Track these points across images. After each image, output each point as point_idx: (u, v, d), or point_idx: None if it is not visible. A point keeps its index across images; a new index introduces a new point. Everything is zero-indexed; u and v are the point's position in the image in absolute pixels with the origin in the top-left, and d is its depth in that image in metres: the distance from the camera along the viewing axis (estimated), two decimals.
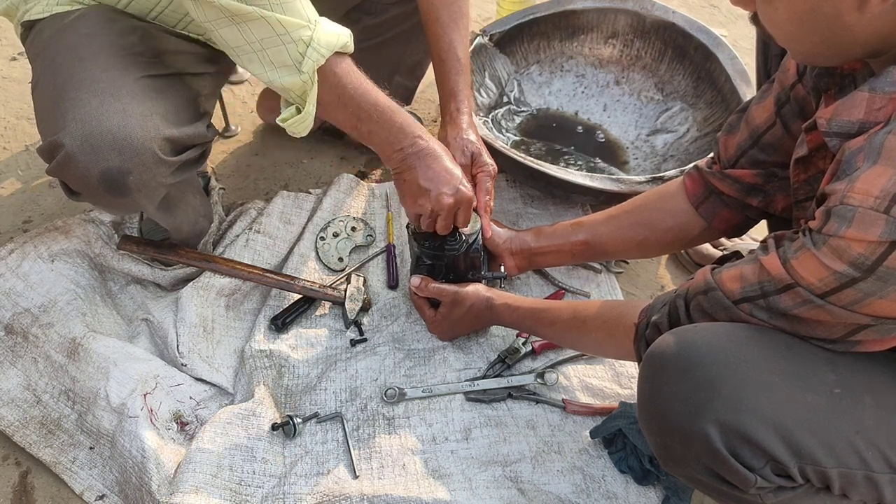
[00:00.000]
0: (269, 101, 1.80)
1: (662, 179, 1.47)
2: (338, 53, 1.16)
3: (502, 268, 1.42)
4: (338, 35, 1.15)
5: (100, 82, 1.13)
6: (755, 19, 0.88)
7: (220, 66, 1.40)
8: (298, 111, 1.20)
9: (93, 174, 1.11)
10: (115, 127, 1.10)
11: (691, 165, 1.29)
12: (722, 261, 0.99)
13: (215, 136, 1.31)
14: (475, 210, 1.36)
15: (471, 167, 1.38)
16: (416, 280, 1.38)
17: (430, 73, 1.90)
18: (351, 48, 1.18)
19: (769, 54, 1.22)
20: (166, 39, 1.27)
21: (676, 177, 1.46)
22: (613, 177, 1.53)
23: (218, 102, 1.81)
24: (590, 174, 1.53)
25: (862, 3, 0.74)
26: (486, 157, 1.39)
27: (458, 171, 1.27)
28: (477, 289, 1.33)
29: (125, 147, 1.11)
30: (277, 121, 1.24)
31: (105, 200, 1.18)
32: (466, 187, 1.27)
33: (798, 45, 0.86)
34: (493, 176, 1.39)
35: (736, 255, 1.00)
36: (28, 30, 1.26)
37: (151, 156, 1.14)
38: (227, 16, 1.07)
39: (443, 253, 1.35)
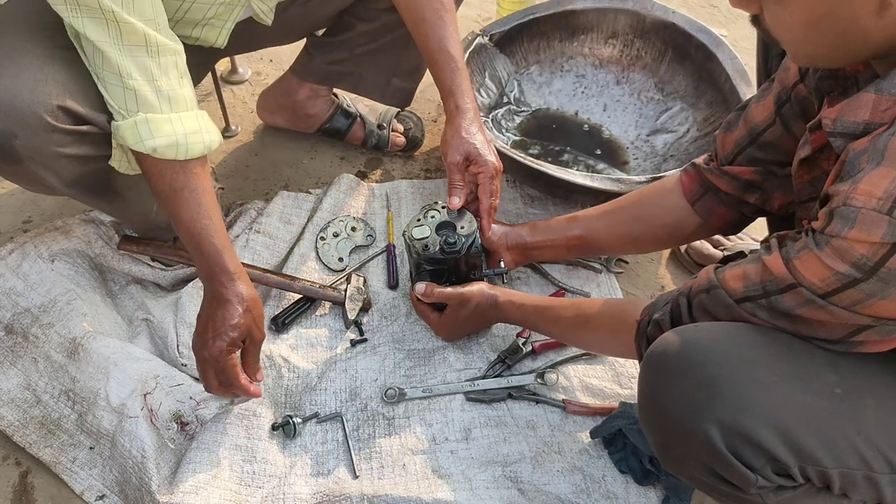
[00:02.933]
0: (269, 101, 1.80)
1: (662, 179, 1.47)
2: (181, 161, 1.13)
3: (502, 263, 1.41)
4: (191, 135, 1.12)
5: (3, 51, 1.10)
6: (756, 21, 0.88)
7: (194, 56, 1.33)
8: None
9: None
10: (3, 89, 1.07)
11: (688, 163, 1.29)
12: (725, 260, 0.99)
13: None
14: (470, 211, 1.36)
15: (469, 167, 1.33)
16: (420, 287, 1.37)
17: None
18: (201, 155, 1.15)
19: (769, 54, 1.22)
20: None
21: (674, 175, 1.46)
22: (613, 177, 1.53)
23: (218, 102, 1.82)
24: (590, 174, 1.53)
25: (883, 7, 0.73)
26: (487, 155, 1.32)
27: (216, 342, 1.16)
28: (481, 288, 1.33)
29: (10, 109, 1.07)
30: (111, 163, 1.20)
31: (1, 168, 1.14)
32: (219, 356, 1.16)
33: (806, 48, 0.85)
34: (496, 174, 1.33)
35: (740, 254, 1.00)
36: None
37: (38, 121, 1.09)
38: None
39: (443, 257, 1.35)
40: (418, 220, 1.38)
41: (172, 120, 1.12)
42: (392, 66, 1.66)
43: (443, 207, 1.39)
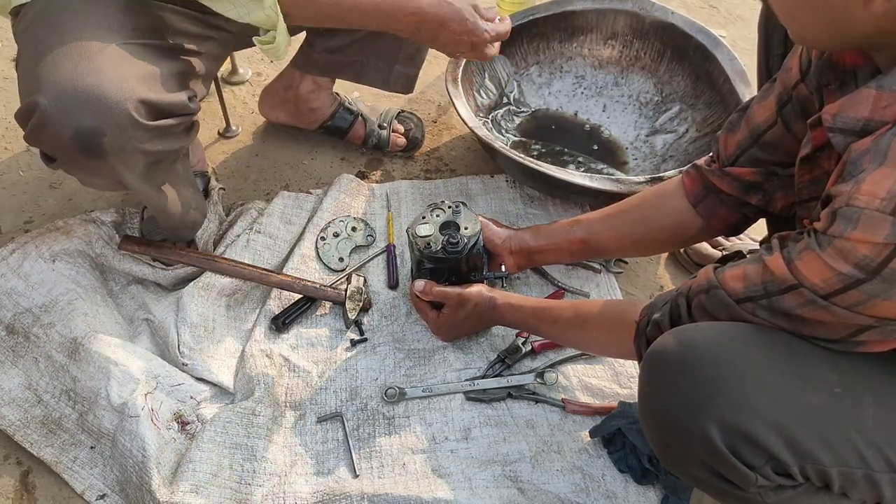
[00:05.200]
0: (271, 96, 1.80)
1: (662, 180, 1.48)
2: None
3: (503, 267, 1.42)
4: None
5: (79, 47, 1.11)
6: None
7: (215, 47, 1.38)
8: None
9: (66, 134, 1.09)
10: (89, 86, 1.08)
11: (690, 164, 1.29)
12: (724, 260, 0.99)
13: (198, 110, 1.26)
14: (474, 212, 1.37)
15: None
16: (419, 284, 1.38)
17: (428, 68, 1.91)
18: None
19: (771, 53, 1.23)
20: (150, 14, 1.25)
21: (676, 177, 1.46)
22: (613, 177, 1.54)
23: (219, 103, 1.82)
24: (589, 174, 1.53)
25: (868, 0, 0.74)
26: None
27: (468, 21, 1.30)
28: (480, 289, 1.33)
29: (99, 106, 1.09)
30: (255, 41, 1.26)
31: (81, 164, 1.15)
32: (478, 34, 1.31)
33: (801, 30, 0.86)
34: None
35: (738, 254, 1.00)
36: (16, 16, 1.25)
37: (126, 117, 1.11)
38: None
39: (445, 256, 1.35)
40: (423, 217, 1.39)
41: None
42: (393, 52, 1.65)
43: (448, 207, 1.40)
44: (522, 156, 1.54)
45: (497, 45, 1.40)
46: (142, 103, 1.12)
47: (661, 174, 1.52)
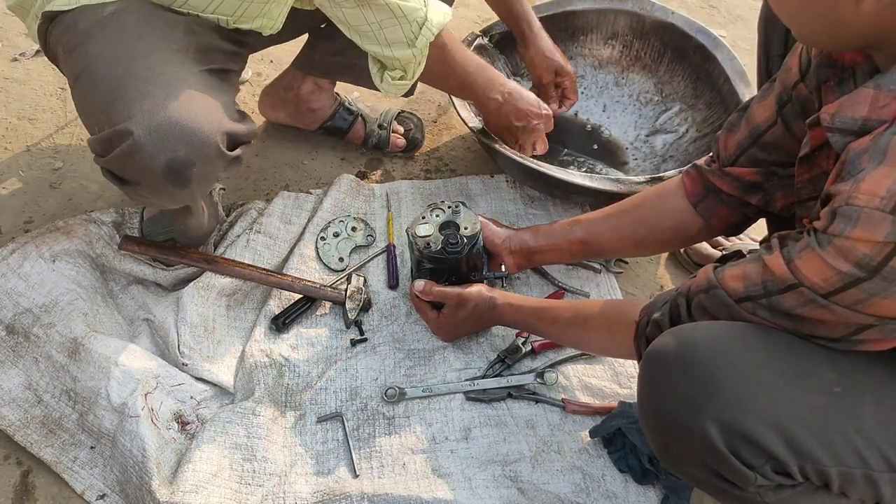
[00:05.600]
0: (272, 96, 1.80)
1: (662, 180, 1.48)
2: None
3: (503, 267, 1.42)
4: (445, 13, 1.33)
5: (163, 75, 1.15)
6: None
7: (242, 63, 1.43)
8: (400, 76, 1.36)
9: (158, 164, 1.12)
10: (183, 118, 1.12)
11: (690, 164, 1.29)
12: (724, 260, 0.99)
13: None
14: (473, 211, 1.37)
15: (555, 78, 1.66)
16: (419, 284, 1.38)
17: None
18: (450, 17, 1.36)
19: (770, 54, 1.23)
20: (202, 34, 1.28)
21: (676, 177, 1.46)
22: (613, 177, 1.54)
23: None
24: (589, 174, 1.53)
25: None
26: (566, 64, 1.68)
27: (533, 105, 1.52)
28: (480, 289, 1.33)
29: (193, 139, 1.13)
30: (380, 85, 1.41)
31: (164, 191, 1.18)
32: (547, 112, 1.54)
33: (799, 28, 0.87)
34: (574, 78, 1.71)
35: (737, 254, 1.00)
36: (49, 21, 1.25)
37: (215, 149, 1.16)
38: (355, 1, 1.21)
39: (445, 256, 1.35)
40: (423, 217, 1.39)
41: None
42: None
43: (448, 207, 1.40)
44: (522, 156, 1.55)
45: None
46: (226, 135, 1.17)
47: (661, 174, 1.52)
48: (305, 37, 1.67)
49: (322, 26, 1.64)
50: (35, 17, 1.28)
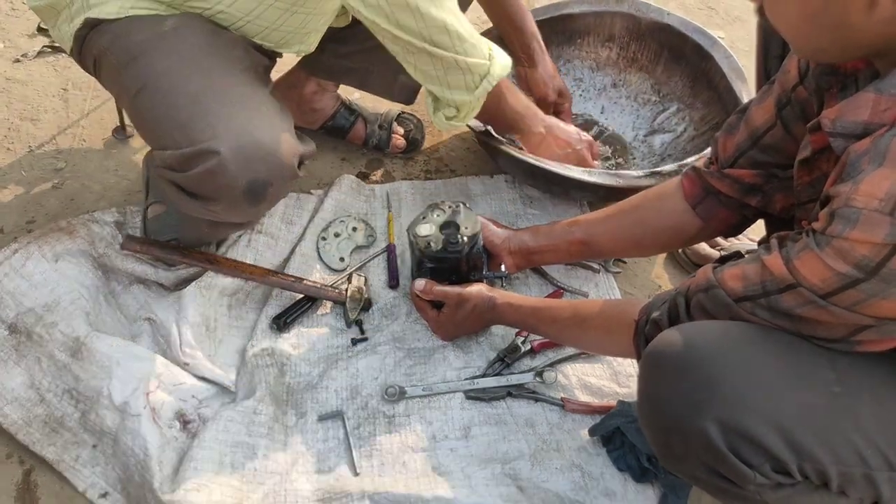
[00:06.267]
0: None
1: (660, 174, 1.48)
2: None
3: (503, 267, 1.42)
4: (505, 66, 1.36)
5: (239, 95, 1.20)
6: (761, 11, 0.89)
7: (270, 74, 1.47)
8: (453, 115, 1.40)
9: (241, 183, 1.16)
10: (267, 141, 1.17)
11: (689, 166, 1.30)
12: (723, 260, 0.99)
13: None
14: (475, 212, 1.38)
15: (557, 99, 1.71)
16: (419, 283, 1.39)
17: None
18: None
19: (769, 56, 1.23)
20: (253, 53, 1.33)
21: (674, 172, 1.47)
22: (611, 172, 1.54)
23: None
24: (587, 170, 1.53)
25: (872, 5, 0.75)
26: (564, 87, 1.75)
27: (573, 133, 1.59)
28: (480, 289, 1.34)
29: (274, 160, 1.18)
30: (432, 116, 1.42)
31: (238, 208, 1.23)
32: (587, 138, 1.60)
33: (803, 42, 0.87)
34: (570, 100, 1.77)
35: (736, 254, 1.00)
36: (89, 28, 1.26)
37: (291, 170, 1.22)
38: (427, 53, 1.24)
39: (445, 256, 1.36)
40: (423, 217, 1.40)
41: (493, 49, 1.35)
42: (398, 63, 1.67)
43: (448, 207, 1.40)
44: (522, 152, 1.55)
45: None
46: (299, 156, 1.23)
47: (658, 169, 1.52)
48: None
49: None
50: (69, 20, 1.28)
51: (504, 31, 1.71)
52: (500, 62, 1.34)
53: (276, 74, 1.80)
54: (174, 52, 1.21)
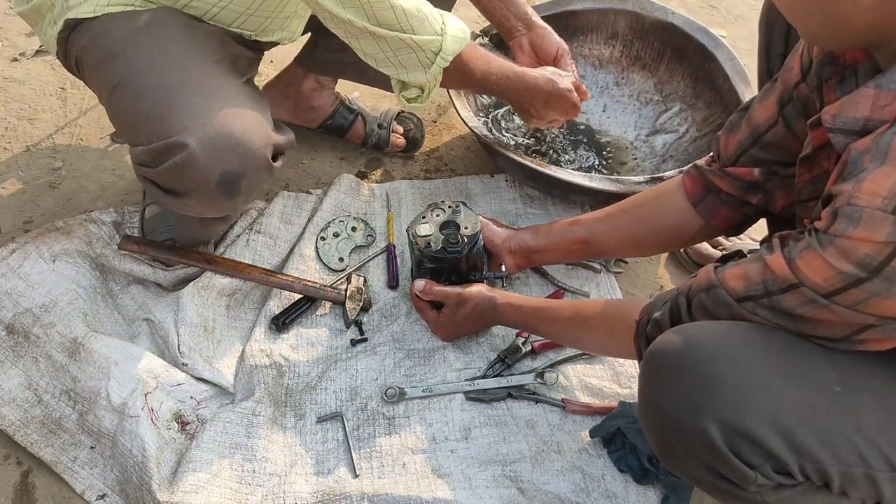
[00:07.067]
0: (273, 92, 1.79)
1: (661, 180, 1.48)
2: None
3: (503, 267, 1.42)
4: (461, 39, 1.29)
5: (211, 87, 1.18)
6: None
7: (257, 68, 1.45)
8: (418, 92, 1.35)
9: (213, 176, 1.15)
10: (237, 131, 1.14)
11: (690, 164, 1.29)
12: (724, 260, 0.99)
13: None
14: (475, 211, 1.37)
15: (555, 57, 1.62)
16: (419, 284, 1.38)
17: None
18: (470, 38, 1.33)
19: (771, 53, 1.23)
20: (230, 44, 1.31)
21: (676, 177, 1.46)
22: (612, 177, 1.54)
23: None
24: (588, 174, 1.53)
25: None
26: (562, 42, 1.64)
27: (560, 90, 1.49)
28: (480, 289, 1.34)
29: (245, 151, 1.16)
30: (399, 95, 1.36)
31: (213, 202, 1.21)
32: (571, 98, 1.50)
33: (801, 26, 0.87)
34: (568, 52, 1.66)
35: (738, 254, 1.00)
36: (70, 29, 1.25)
37: (264, 161, 1.19)
38: (370, 34, 1.19)
39: (445, 256, 1.35)
40: (423, 217, 1.39)
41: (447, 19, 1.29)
42: None
43: (448, 207, 1.40)
44: (522, 156, 1.55)
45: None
46: (272, 146, 1.20)
47: (660, 174, 1.52)
48: (308, 34, 1.67)
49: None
50: (52, 23, 1.28)
51: (494, 7, 1.66)
52: (455, 35, 1.28)
53: (274, 72, 1.81)
54: (148, 47, 1.20)
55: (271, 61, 2.07)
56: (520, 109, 1.52)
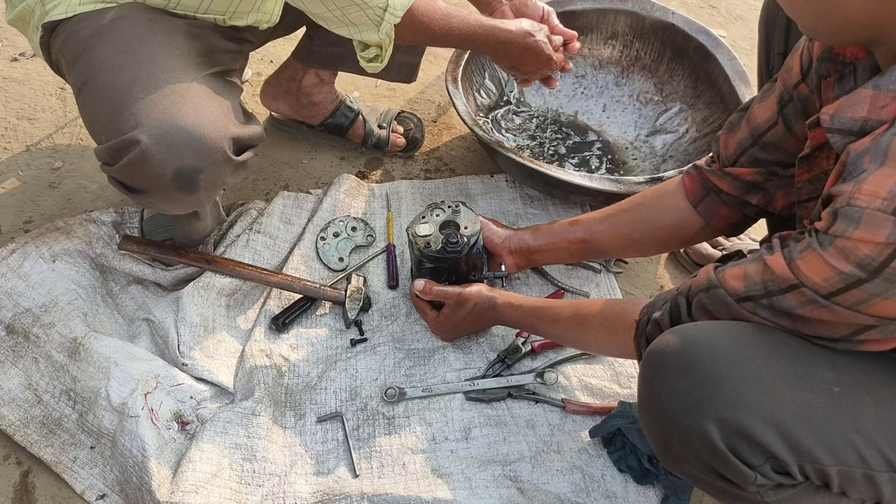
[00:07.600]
0: (274, 88, 1.79)
1: (661, 180, 1.48)
2: None
3: (503, 267, 1.42)
4: None
5: (167, 82, 1.15)
6: None
7: (244, 62, 1.43)
8: (377, 53, 1.34)
9: (167, 172, 1.13)
10: (190, 125, 1.12)
11: (690, 164, 1.29)
12: (724, 260, 0.99)
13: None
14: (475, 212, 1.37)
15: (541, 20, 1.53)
16: (419, 284, 1.38)
17: (428, 68, 1.91)
18: None
19: (771, 53, 1.23)
20: (203, 36, 1.29)
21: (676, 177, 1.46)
22: (612, 177, 1.54)
23: None
24: (588, 174, 1.53)
25: None
26: (546, 6, 1.56)
27: (535, 42, 1.44)
28: (480, 289, 1.34)
29: (200, 145, 1.13)
30: (359, 56, 1.35)
31: (172, 198, 1.19)
32: (546, 51, 1.45)
33: (800, 18, 0.87)
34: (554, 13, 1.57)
35: (738, 254, 1.00)
36: (50, 32, 1.25)
37: (222, 154, 1.16)
38: None
39: (445, 256, 1.35)
40: (423, 217, 1.39)
41: None
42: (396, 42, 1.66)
43: (448, 207, 1.40)
44: (522, 156, 1.55)
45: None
46: (233, 140, 1.18)
47: (660, 174, 1.52)
48: (304, 29, 1.67)
49: None
50: (36, 29, 1.28)
51: None
52: None
53: (271, 70, 1.81)
54: (110, 45, 1.19)
55: (271, 61, 2.07)
56: (496, 61, 1.52)
